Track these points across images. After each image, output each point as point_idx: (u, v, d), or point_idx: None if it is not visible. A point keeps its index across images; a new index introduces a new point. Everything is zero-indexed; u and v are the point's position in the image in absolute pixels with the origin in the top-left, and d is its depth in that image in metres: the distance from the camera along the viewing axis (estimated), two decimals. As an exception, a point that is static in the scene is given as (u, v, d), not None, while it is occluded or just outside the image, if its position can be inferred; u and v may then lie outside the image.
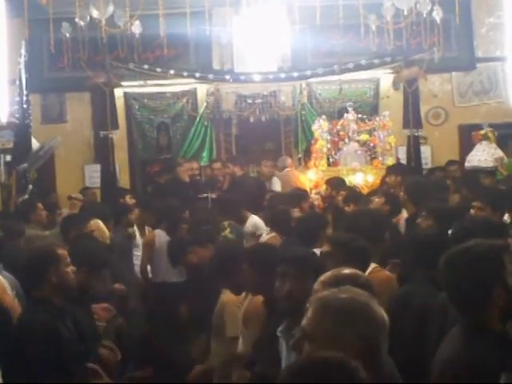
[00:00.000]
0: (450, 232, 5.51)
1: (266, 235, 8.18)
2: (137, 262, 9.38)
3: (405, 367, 3.56)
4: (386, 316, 2.87)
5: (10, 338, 4.62)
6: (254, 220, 9.32)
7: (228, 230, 8.54)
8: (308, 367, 2.38)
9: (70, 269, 5.08)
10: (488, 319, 3.26)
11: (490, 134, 11.65)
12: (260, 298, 5.08)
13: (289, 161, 13.45)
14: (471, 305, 3.29)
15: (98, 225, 7.36)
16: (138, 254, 9.44)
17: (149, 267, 9.19)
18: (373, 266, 5.26)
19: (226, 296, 5.71)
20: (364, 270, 4.94)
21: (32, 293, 5.19)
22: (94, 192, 12.91)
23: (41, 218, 9.20)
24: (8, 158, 11.51)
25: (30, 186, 10.53)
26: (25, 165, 10.46)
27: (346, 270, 3.72)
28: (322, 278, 3.62)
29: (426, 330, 4.50)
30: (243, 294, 5.51)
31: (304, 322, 2.86)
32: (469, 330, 3.30)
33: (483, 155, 11.39)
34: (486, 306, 3.26)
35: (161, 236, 8.88)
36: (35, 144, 11.02)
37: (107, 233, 7.51)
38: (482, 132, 11.85)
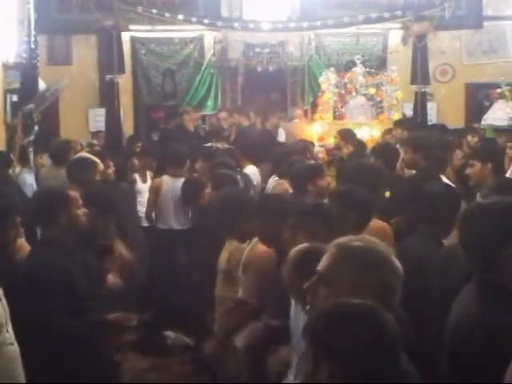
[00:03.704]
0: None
1: (272, 181, 8.18)
2: (139, 207, 9.39)
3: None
4: (401, 268, 2.88)
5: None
6: (251, 170, 9.26)
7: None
8: (339, 313, 2.40)
9: (82, 211, 5.09)
10: (503, 276, 3.25)
11: (508, 93, 11.54)
12: (262, 246, 5.11)
13: (298, 112, 13.40)
14: (486, 259, 3.28)
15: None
16: (139, 199, 9.46)
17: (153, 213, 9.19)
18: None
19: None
20: (365, 221, 4.97)
21: (43, 232, 5.21)
22: (104, 136, 12.89)
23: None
24: (14, 98, 11.43)
25: (36, 127, 10.47)
26: (31, 105, 10.37)
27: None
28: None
29: (424, 285, 4.47)
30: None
31: (321, 266, 2.86)
32: (483, 287, 3.29)
33: (498, 114, 11.31)
34: (501, 263, 3.25)
35: (168, 182, 8.86)
36: (42, 85, 10.93)
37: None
38: (499, 91, 11.75)
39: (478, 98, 14.94)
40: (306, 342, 2.46)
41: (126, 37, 13.87)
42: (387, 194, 6.88)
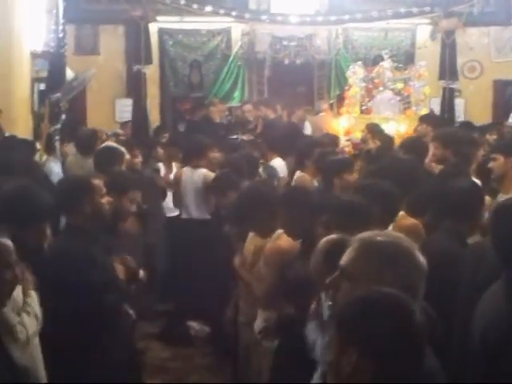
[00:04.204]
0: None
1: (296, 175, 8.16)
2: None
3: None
4: (426, 264, 2.85)
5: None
6: (277, 162, 9.28)
7: (261, 168, 8.53)
8: (367, 300, 2.38)
9: (106, 200, 5.10)
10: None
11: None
12: (285, 239, 5.10)
13: (325, 105, 13.37)
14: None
15: None
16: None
17: (171, 204, 9.20)
18: (401, 213, 5.23)
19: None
20: (391, 216, 4.93)
21: (67, 220, 5.22)
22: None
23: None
24: (42, 86, 11.49)
25: (63, 116, 10.50)
26: (58, 94, 10.40)
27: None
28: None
29: (448, 281, 4.44)
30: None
31: (343, 260, 2.84)
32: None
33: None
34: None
35: (187, 173, 8.86)
36: (69, 74, 10.96)
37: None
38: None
39: (506, 95, 14.86)
40: (333, 328, 2.46)
41: (153, 28, 13.87)
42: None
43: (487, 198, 5.35)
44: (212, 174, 8.17)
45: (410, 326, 2.33)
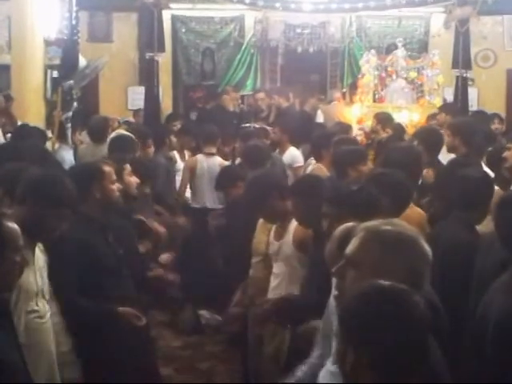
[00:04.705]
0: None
1: (312, 166, 8.14)
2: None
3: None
4: (430, 252, 2.85)
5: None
6: (293, 152, 9.28)
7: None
8: (366, 295, 2.38)
9: (116, 186, 5.12)
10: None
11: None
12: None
13: (338, 94, 13.34)
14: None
15: None
16: (178, 178, 9.48)
17: (188, 193, 9.21)
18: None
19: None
20: (402, 205, 4.92)
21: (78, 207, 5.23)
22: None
23: None
24: (54, 74, 11.51)
25: (75, 104, 10.51)
26: (71, 82, 10.41)
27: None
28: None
29: (456, 269, 4.44)
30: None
31: (349, 249, 2.85)
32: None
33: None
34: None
35: (202, 161, 8.88)
36: (82, 62, 10.97)
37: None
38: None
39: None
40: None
41: (166, 15, 13.82)
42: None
43: (497, 188, 5.33)
44: (226, 163, 8.21)
45: (410, 326, 2.31)
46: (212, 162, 8.71)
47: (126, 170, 5.76)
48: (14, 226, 3.23)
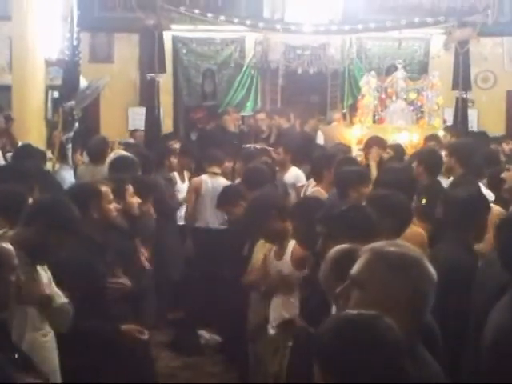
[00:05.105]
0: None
1: (312, 188, 8.14)
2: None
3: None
4: (435, 274, 2.85)
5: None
6: (295, 171, 9.30)
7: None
8: (335, 326, 2.41)
9: (113, 206, 5.13)
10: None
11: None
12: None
13: (337, 115, 13.37)
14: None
15: None
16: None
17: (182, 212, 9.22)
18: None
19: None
20: (403, 226, 4.92)
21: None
22: (141, 134, 12.97)
23: None
24: (55, 94, 11.54)
25: (76, 124, 10.55)
26: (72, 102, 10.46)
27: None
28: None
29: (454, 290, 4.42)
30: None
31: (354, 270, 2.85)
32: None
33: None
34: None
35: (207, 182, 8.91)
36: (83, 82, 11.01)
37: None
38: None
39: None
40: None
41: (167, 36, 13.92)
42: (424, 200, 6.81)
43: (498, 209, 5.33)
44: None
45: (382, 351, 2.33)
46: (217, 183, 8.74)
47: (129, 191, 5.79)
48: (8, 246, 3.25)
